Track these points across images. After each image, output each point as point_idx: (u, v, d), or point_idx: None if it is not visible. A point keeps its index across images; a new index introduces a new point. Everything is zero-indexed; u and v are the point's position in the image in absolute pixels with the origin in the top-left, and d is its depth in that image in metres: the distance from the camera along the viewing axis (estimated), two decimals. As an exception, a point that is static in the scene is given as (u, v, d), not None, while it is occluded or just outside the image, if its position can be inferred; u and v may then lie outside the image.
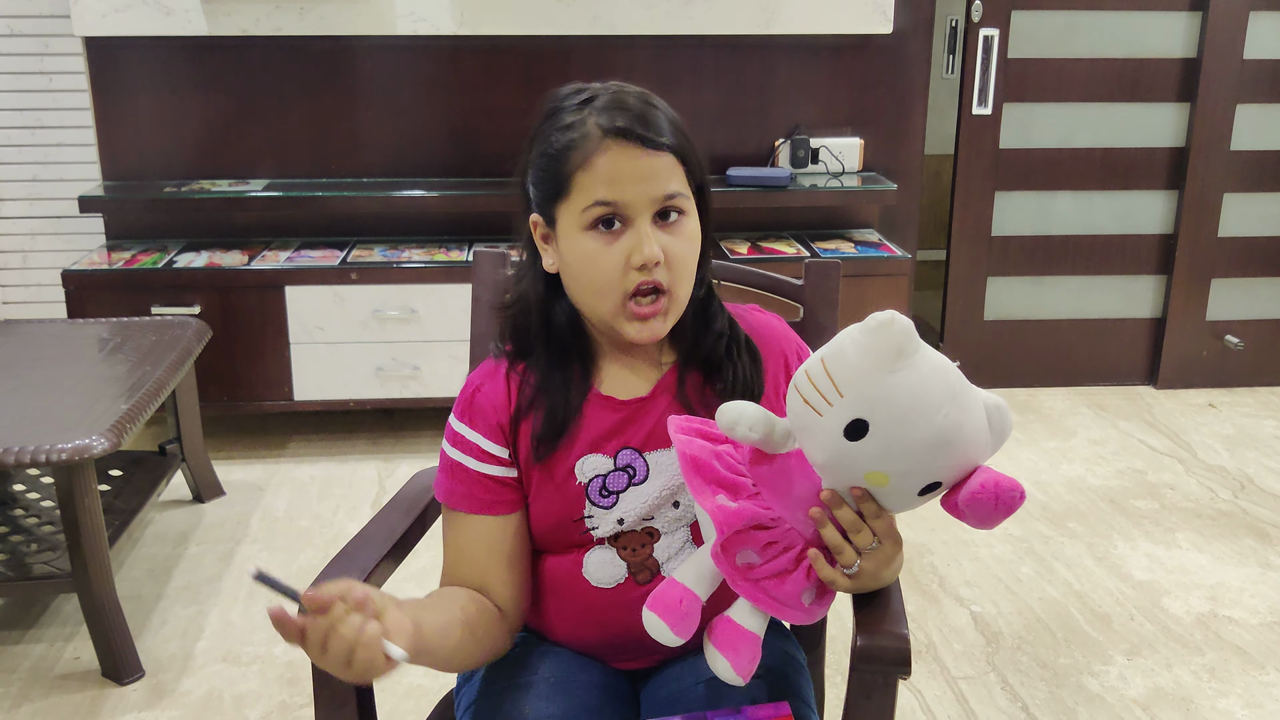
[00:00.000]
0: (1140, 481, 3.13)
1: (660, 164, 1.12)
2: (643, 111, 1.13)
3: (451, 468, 1.21)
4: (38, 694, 2.19)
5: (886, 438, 0.99)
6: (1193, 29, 3.56)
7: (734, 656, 1.07)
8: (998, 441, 1.05)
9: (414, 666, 1.02)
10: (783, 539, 1.07)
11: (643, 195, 1.11)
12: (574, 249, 1.14)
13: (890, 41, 3.52)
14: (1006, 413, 1.05)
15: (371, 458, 3.27)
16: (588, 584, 1.21)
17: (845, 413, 0.99)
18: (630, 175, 1.11)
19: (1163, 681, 2.22)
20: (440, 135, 3.50)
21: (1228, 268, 3.75)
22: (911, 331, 0.97)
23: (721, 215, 3.51)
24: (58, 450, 2.04)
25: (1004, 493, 1.00)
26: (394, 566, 1.34)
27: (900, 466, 1.01)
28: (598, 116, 1.12)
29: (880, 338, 0.97)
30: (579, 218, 1.12)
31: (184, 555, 2.72)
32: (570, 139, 1.12)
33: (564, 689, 1.20)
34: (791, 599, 1.07)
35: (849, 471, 1.03)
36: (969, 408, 1.01)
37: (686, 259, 1.14)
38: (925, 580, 2.60)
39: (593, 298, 1.15)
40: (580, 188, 1.11)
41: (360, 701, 1.25)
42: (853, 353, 0.98)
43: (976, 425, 1.02)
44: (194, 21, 3.24)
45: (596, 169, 1.10)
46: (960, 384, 1.01)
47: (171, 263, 3.20)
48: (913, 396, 0.98)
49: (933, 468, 1.01)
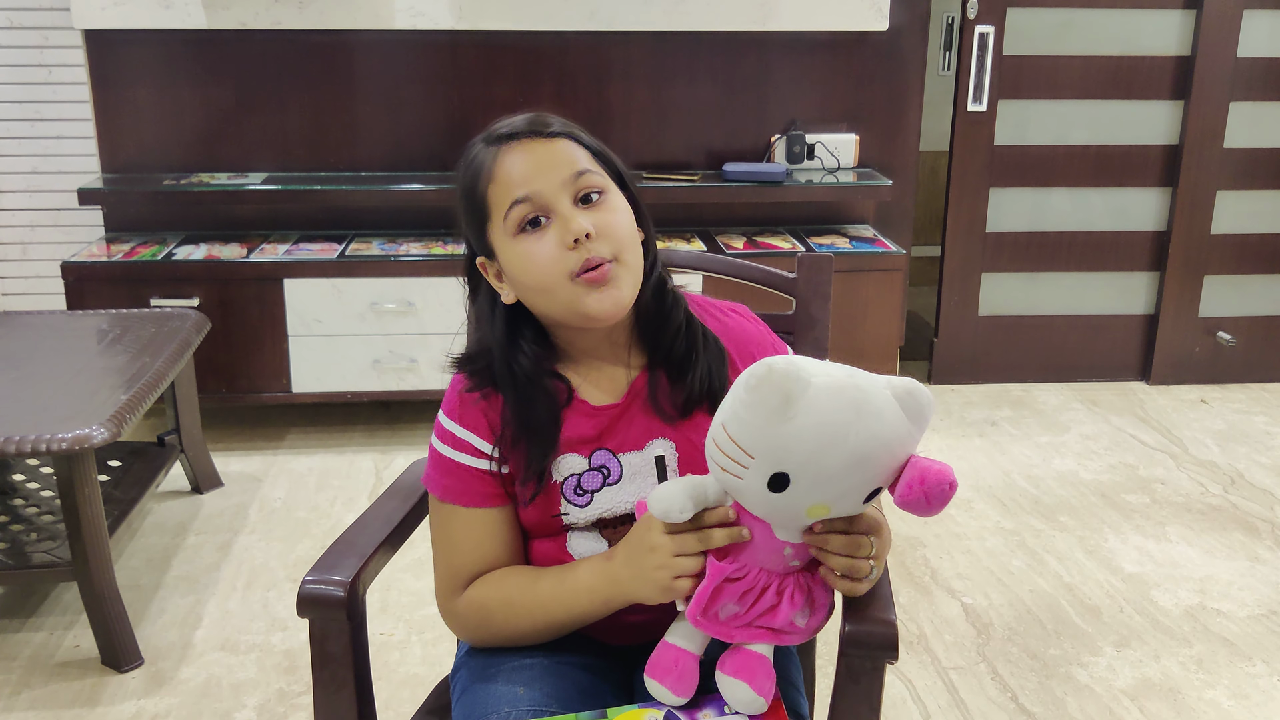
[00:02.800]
0: (1132, 476, 3.15)
1: (557, 148, 1.16)
2: (528, 117, 1.19)
3: (445, 464, 1.22)
4: (38, 681, 2.21)
5: (809, 478, 1.01)
6: (1187, 27, 3.58)
7: (751, 679, 1.09)
8: (920, 424, 1.05)
9: (411, 652, 1.04)
10: (755, 583, 1.08)
11: (552, 180, 1.15)
12: (512, 259, 1.17)
13: (886, 38, 3.54)
14: (919, 393, 1.04)
15: (369, 449, 3.29)
16: (572, 559, 1.23)
17: (762, 471, 1.01)
18: (534, 167, 1.15)
19: (1151, 672, 2.25)
20: (438, 129, 3.51)
21: (1220, 264, 3.77)
22: (792, 374, 0.98)
23: (717, 210, 3.58)
24: (58, 440, 2.05)
25: (932, 488, 1.01)
26: (391, 553, 1.37)
27: (832, 494, 1.03)
28: (489, 139, 1.19)
29: (764, 393, 0.99)
30: (505, 228, 1.16)
31: (183, 545, 2.74)
32: (473, 169, 1.19)
33: (555, 670, 1.22)
34: (788, 626, 1.10)
35: (790, 515, 1.05)
36: (878, 413, 1.01)
37: (620, 227, 1.16)
38: (917, 572, 2.63)
39: (545, 295, 1.16)
40: (495, 201, 1.16)
41: (358, 687, 1.28)
42: (746, 414, 1.00)
43: (891, 425, 1.02)
44: (193, 15, 3.25)
45: (499, 176, 1.16)
46: (860, 395, 1.01)
47: (170, 255, 3.22)
48: (817, 433, 0.99)
49: (864, 480, 1.03)
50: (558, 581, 1.19)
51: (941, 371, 3.82)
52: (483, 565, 1.23)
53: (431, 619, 2.39)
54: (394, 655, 2.29)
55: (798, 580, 1.10)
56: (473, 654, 1.28)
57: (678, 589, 1.08)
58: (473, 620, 1.24)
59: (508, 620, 1.22)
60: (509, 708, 1.16)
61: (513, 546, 1.24)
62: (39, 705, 2.14)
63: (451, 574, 1.24)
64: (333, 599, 1.23)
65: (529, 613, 1.20)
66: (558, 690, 1.19)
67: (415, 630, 2.37)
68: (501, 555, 1.23)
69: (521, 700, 1.17)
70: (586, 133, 1.21)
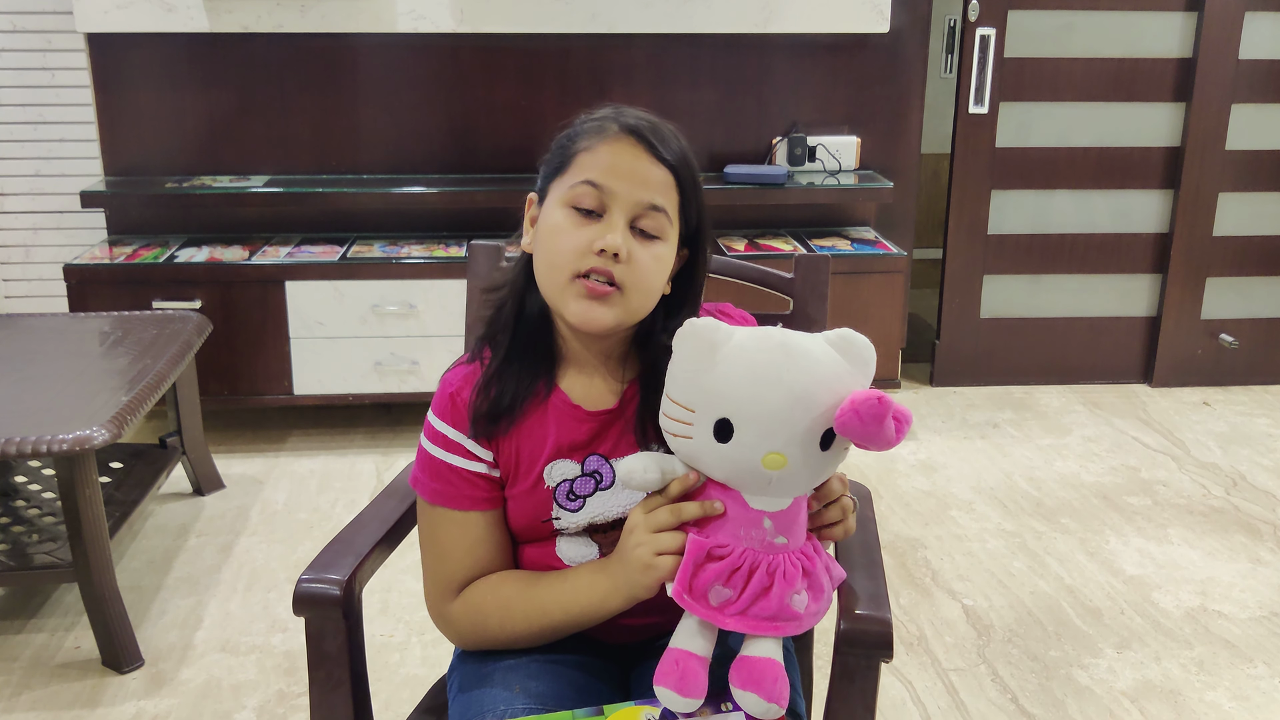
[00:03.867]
0: (1133, 478, 3.15)
1: (657, 174, 1.16)
2: (660, 128, 1.19)
3: (435, 466, 1.22)
4: (38, 682, 2.21)
5: (752, 419, 1.03)
6: (1188, 29, 3.58)
7: (758, 688, 1.07)
8: (863, 368, 1.07)
9: (411, 654, 1.05)
10: (743, 561, 1.07)
11: (629, 193, 1.15)
12: (549, 219, 1.18)
13: (887, 40, 3.55)
14: (853, 338, 1.08)
15: (370, 452, 3.29)
16: (561, 564, 1.23)
17: (706, 422, 1.04)
18: (626, 171, 1.15)
19: (1151, 674, 2.25)
20: (440, 132, 3.52)
21: (1222, 267, 3.77)
22: (713, 324, 1.04)
23: (718, 212, 3.58)
24: (59, 441, 2.06)
25: (863, 406, 1.01)
26: (388, 552, 1.37)
27: (782, 438, 1.03)
28: (622, 117, 1.19)
29: (688, 344, 1.05)
30: (566, 193, 1.17)
31: (184, 547, 2.74)
32: (589, 126, 1.19)
33: (551, 669, 1.22)
34: (784, 612, 1.07)
35: (749, 470, 1.05)
36: (808, 353, 1.05)
37: (649, 271, 1.17)
38: (918, 573, 2.63)
39: (548, 269, 1.17)
40: (578, 166, 1.17)
41: (354, 686, 1.28)
42: (678, 370, 1.06)
43: (826, 364, 1.05)
44: (196, 18, 3.26)
45: (598, 154, 1.16)
46: (787, 338, 1.06)
47: (172, 257, 3.23)
48: (747, 373, 1.03)
49: (809, 420, 1.03)
50: (556, 583, 1.19)
51: (943, 373, 3.82)
52: (475, 570, 1.22)
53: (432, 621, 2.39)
54: (394, 656, 2.29)
55: (789, 559, 1.09)
56: (469, 653, 1.28)
57: (660, 566, 1.08)
58: (467, 625, 1.23)
59: (503, 625, 1.21)
60: (505, 706, 1.16)
61: (504, 551, 1.24)
62: (39, 706, 2.14)
63: (443, 579, 1.23)
64: (328, 597, 1.23)
65: (526, 616, 1.20)
66: (553, 689, 1.19)
67: (415, 632, 2.37)
68: (493, 560, 1.23)
69: (517, 699, 1.17)
70: (699, 178, 1.21)
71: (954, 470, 3.16)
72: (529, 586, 1.21)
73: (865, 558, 1.28)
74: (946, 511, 2.94)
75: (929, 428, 3.42)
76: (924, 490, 3.04)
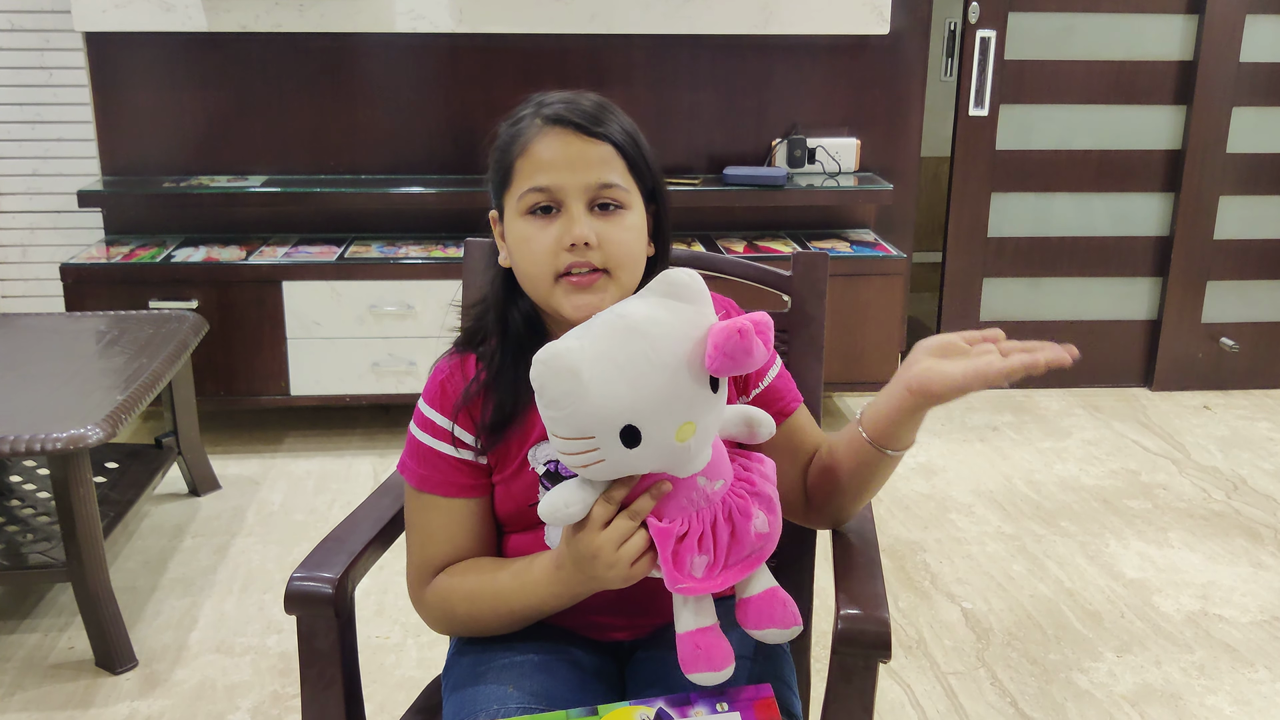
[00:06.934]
0: (1134, 481, 3.13)
1: (597, 152, 1.15)
2: (587, 107, 1.17)
3: (424, 453, 1.22)
4: (31, 683, 2.20)
5: (651, 412, 1.01)
6: (1189, 32, 3.57)
7: (772, 620, 1.10)
8: (699, 297, 1.05)
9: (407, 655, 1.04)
10: (703, 523, 1.07)
11: (576, 181, 1.14)
12: (514, 234, 1.17)
13: (887, 42, 3.54)
14: (674, 278, 1.06)
15: (367, 452, 3.28)
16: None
17: (610, 439, 1.01)
18: (564, 161, 1.14)
19: (1152, 678, 2.23)
20: (438, 132, 3.51)
21: (1223, 270, 3.76)
22: (559, 352, 0.99)
23: (718, 214, 3.57)
24: (53, 439, 2.05)
25: (726, 345, 1.00)
26: (382, 551, 1.35)
27: (680, 409, 1.02)
28: (543, 110, 1.17)
29: (551, 382, 1.00)
30: (518, 204, 1.16)
31: (179, 547, 2.73)
32: (515, 130, 1.18)
33: (547, 667, 1.21)
34: (756, 541, 1.08)
35: (669, 452, 1.04)
36: (655, 319, 1.03)
37: (625, 244, 1.16)
38: (917, 577, 2.61)
39: (530, 279, 1.17)
40: (520, 174, 1.16)
41: (346, 685, 1.26)
42: (554, 411, 1.01)
43: (674, 320, 1.03)
44: (194, 18, 3.26)
45: (533, 155, 1.15)
46: (628, 319, 1.03)
47: (169, 257, 3.22)
48: (621, 376, 1.00)
49: (692, 377, 1.02)
50: (514, 576, 1.18)
51: (943, 377, 3.80)
52: (454, 556, 1.22)
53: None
54: (389, 658, 2.27)
55: (734, 494, 1.09)
56: (463, 652, 1.27)
57: (639, 571, 1.07)
58: (438, 610, 1.23)
59: (470, 612, 1.21)
60: (498, 705, 1.15)
61: (485, 539, 1.24)
62: (32, 706, 2.13)
63: (423, 563, 1.23)
64: (320, 596, 1.22)
65: (491, 605, 1.20)
66: (548, 688, 1.18)
67: (411, 633, 2.36)
68: (473, 547, 1.23)
69: (511, 698, 1.16)
70: (640, 136, 1.19)
71: (953, 473, 3.14)
72: (492, 577, 1.20)
73: (863, 558, 1.27)
74: (946, 514, 2.92)
75: (928, 430, 3.41)
76: (923, 493, 3.03)
